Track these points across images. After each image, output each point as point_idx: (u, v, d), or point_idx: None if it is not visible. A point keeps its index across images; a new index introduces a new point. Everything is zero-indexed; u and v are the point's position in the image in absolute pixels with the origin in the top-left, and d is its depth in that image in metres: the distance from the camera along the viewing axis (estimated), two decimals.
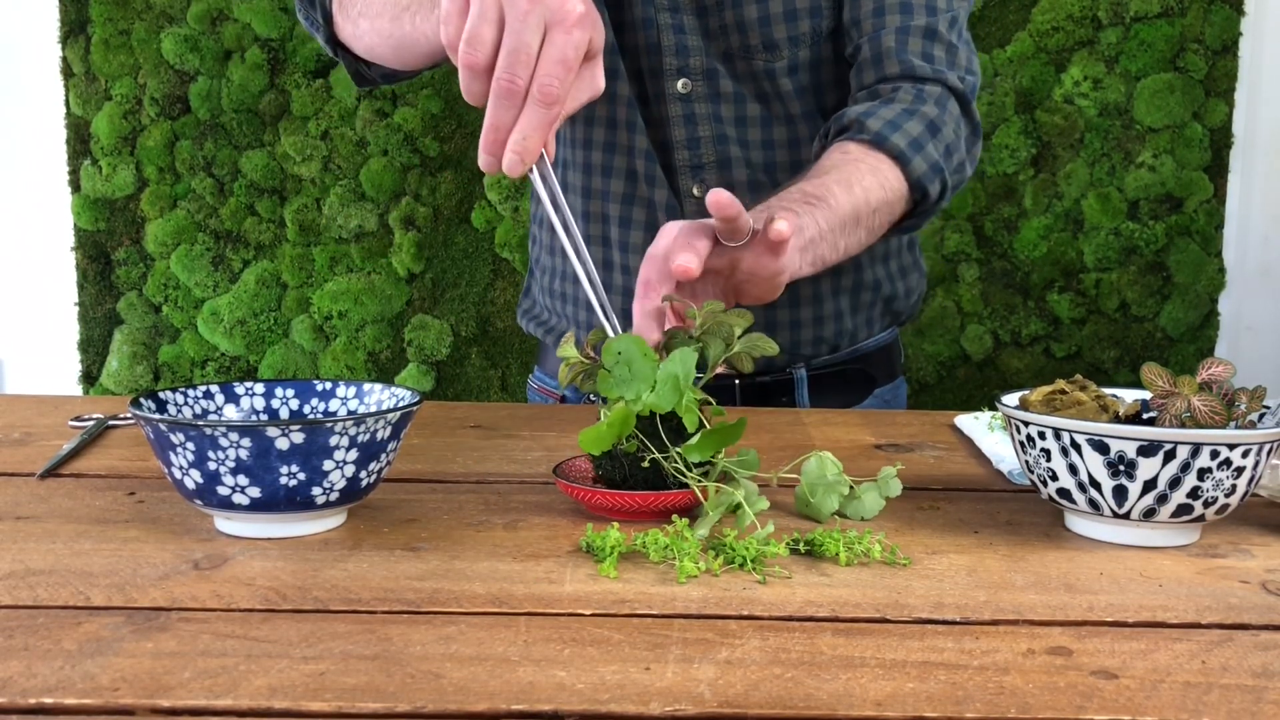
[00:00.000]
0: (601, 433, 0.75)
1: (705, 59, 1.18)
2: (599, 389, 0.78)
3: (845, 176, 1.02)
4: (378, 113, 2.42)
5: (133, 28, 2.42)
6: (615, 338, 0.78)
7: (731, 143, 1.20)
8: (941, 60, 1.15)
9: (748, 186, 1.20)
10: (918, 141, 1.08)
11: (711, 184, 1.19)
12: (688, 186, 1.21)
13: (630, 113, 1.20)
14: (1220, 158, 2.37)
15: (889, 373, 1.35)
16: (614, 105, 1.21)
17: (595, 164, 1.24)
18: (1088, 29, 2.34)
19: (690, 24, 1.17)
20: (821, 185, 0.99)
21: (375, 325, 2.48)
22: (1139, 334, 2.42)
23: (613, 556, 0.67)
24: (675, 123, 1.19)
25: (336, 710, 0.51)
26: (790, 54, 1.18)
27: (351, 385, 0.84)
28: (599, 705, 0.51)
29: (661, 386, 0.76)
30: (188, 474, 0.71)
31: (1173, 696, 0.53)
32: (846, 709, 0.51)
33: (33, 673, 0.54)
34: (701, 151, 1.20)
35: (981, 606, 0.63)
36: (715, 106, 1.19)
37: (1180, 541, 0.74)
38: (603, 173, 1.23)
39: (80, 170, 2.46)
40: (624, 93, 1.20)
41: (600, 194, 1.24)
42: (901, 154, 1.06)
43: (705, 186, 1.19)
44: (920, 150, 1.08)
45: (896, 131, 1.07)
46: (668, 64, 1.18)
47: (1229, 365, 0.74)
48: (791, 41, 1.17)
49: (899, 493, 0.79)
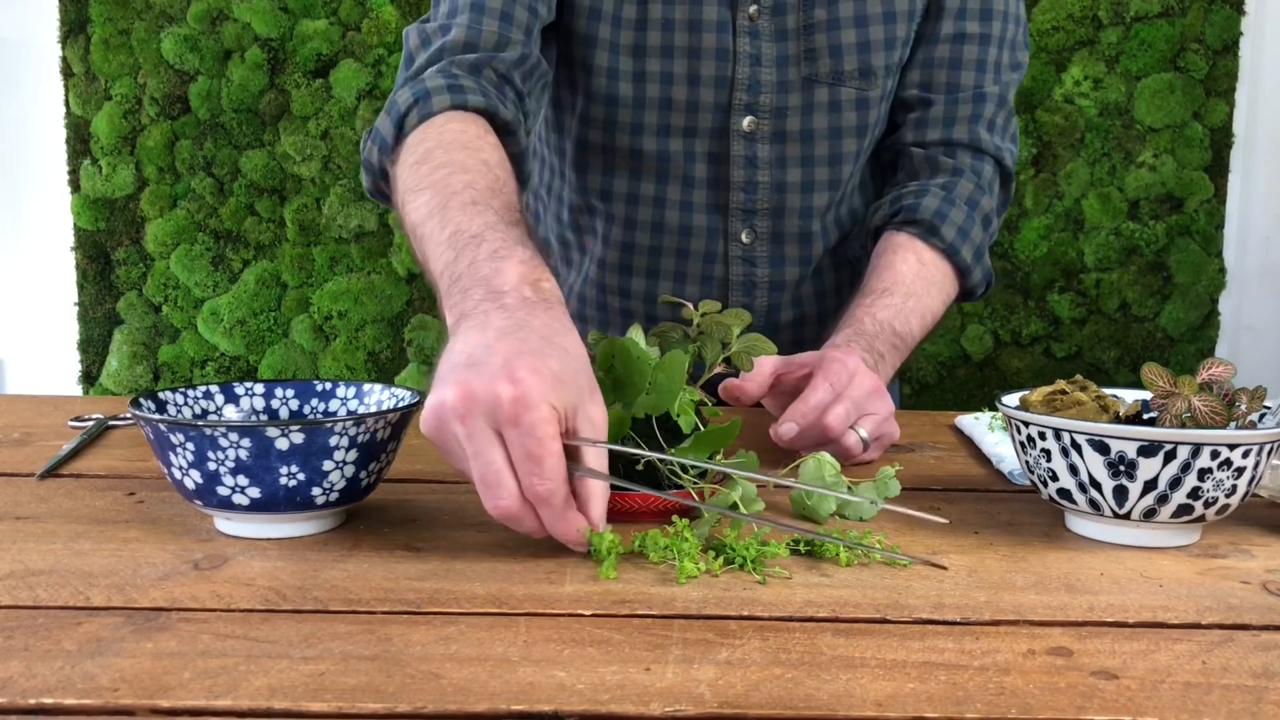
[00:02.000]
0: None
1: (776, 95, 1.13)
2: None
3: (921, 307, 1.10)
4: (378, 112, 2.41)
5: (133, 28, 2.42)
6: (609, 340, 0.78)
7: (790, 190, 1.16)
8: (1000, 131, 1.20)
9: (797, 237, 1.18)
10: (979, 251, 1.16)
11: (761, 231, 1.17)
12: (736, 230, 1.17)
13: (688, 144, 1.14)
14: (1220, 158, 2.37)
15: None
16: (667, 139, 1.15)
17: (646, 195, 1.18)
18: (1088, 29, 2.34)
19: (768, 54, 1.12)
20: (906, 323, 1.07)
21: (375, 325, 2.48)
22: (1139, 334, 2.42)
23: (611, 558, 0.67)
24: (736, 162, 1.15)
25: (336, 710, 0.51)
26: (884, 83, 1.16)
27: (351, 385, 0.84)
28: (599, 705, 0.51)
29: (655, 389, 0.76)
30: (188, 474, 0.71)
31: (1173, 697, 0.52)
32: (846, 709, 0.51)
33: (33, 673, 0.54)
34: (758, 197, 1.16)
35: (982, 607, 0.63)
36: (780, 148, 1.15)
37: (1181, 542, 0.74)
38: (654, 204, 1.18)
39: (80, 170, 2.46)
40: (678, 124, 1.14)
41: (646, 225, 1.19)
42: (966, 267, 1.15)
43: (754, 234, 1.17)
44: (980, 260, 1.16)
45: (965, 242, 1.15)
46: (736, 99, 1.13)
47: (1229, 365, 0.74)
48: (887, 71, 1.15)
49: (897, 493, 0.79)
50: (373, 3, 2.39)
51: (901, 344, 1.06)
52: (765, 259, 1.18)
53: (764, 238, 1.17)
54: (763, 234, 1.17)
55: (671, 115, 1.13)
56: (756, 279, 1.19)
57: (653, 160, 1.15)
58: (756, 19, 1.12)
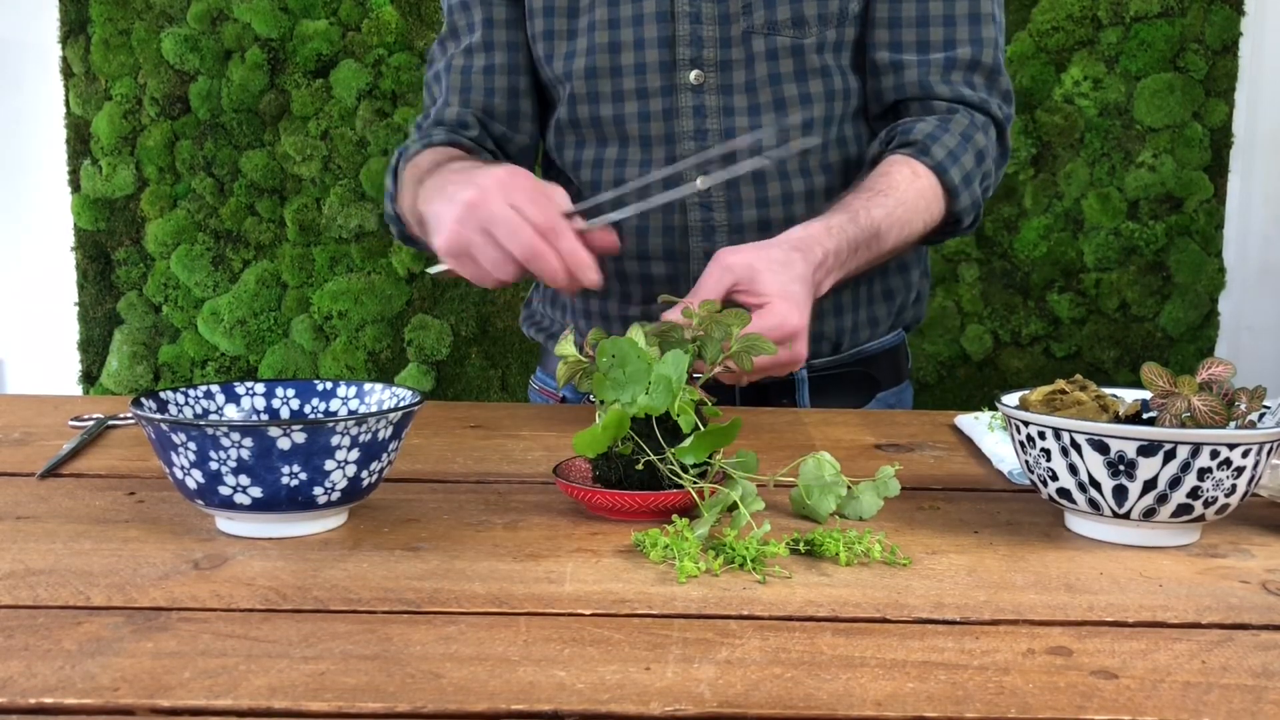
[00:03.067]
0: (596, 435, 0.75)
1: (719, 50, 1.19)
2: (594, 391, 0.78)
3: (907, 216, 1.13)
4: (378, 113, 2.42)
5: (133, 28, 2.42)
6: (610, 339, 0.78)
7: (738, 134, 1.21)
8: (983, 87, 1.22)
9: (752, 177, 1.22)
10: (969, 176, 1.18)
11: (716, 172, 1.20)
12: (690, 178, 1.20)
13: (640, 105, 1.22)
14: (1220, 158, 2.37)
15: (895, 376, 1.35)
16: (621, 103, 1.22)
17: (609, 159, 1.25)
18: (1088, 29, 2.34)
19: (708, 11, 1.19)
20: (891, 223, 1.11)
21: (375, 325, 2.48)
22: (1139, 334, 2.42)
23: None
24: (684, 114, 1.21)
25: (336, 710, 0.51)
26: (819, 32, 1.20)
27: (352, 385, 0.84)
28: (599, 705, 0.51)
29: (655, 388, 0.76)
30: (189, 474, 0.71)
31: (1173, 696, 0.53)
32: (846, 709, 0.51)
33: (33, 673, 0.54)
34: (708, 144, 1.21)
35: (981, 606, 0.63)
36: (727, 99, 1.21)
37: (1180, 541, 0.74)
38: (615, 166, 1.25)
39: (80, 170, 2.46)
40: (630, 87, 1.21)
41: (609, 187, 1.25)
42: (954, 188, 1.17)
43: (710, 177, 1.19)
44: (969, 186, 1.18)
45: (955, 164, 1.17)
46: (680, 55, 1.20)
47: (1229, 365, 0.74)
48: (820, 20, 1.19)
49: (897, 493, 0.79)
50: (373, 3, 2.39)
51: (877, 245, 1.11)
52: (722, 204, 1.22)
53: (718, 183, 1.22)
54: (718, 173, 1.20)
55: (623, 80, 1.21)
56: (715, 223, 1.23)
57: (611, 125, 1.23)
58: None
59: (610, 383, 0.77)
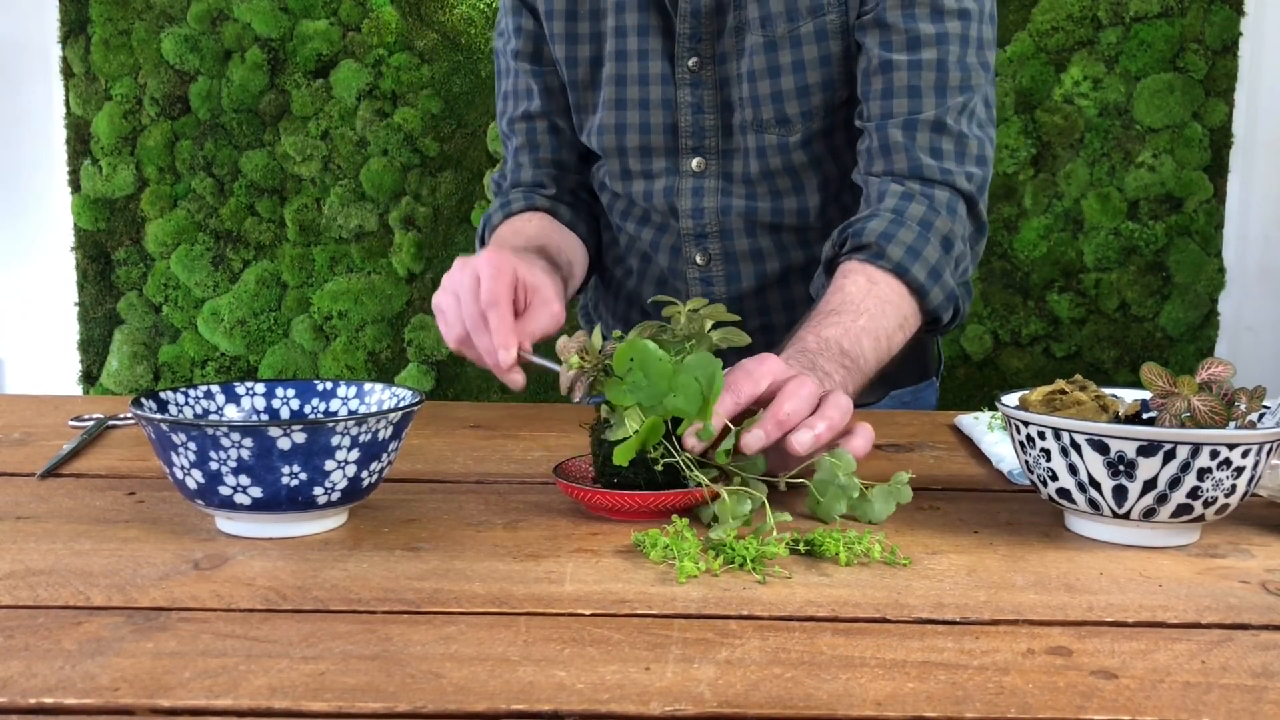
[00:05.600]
0: (631, 442, 0.75)
1: (720, 139, 1.21)
2: (610, 398, 0.77)
3: (874, 326, 1.03)
4: (378, 113, 2.42)
5: (133, 28, 2.42)
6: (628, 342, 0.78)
7: (734, 214, 1.22)
8: (950, 156, 1.14)
9: (749, 254, 1.24)
10: (935, 270, 1.09)
11: (714, 252, 1.25)
12: (690, 254, 1.25)
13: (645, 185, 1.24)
14: (1220, 158, 2.37)
15: (917, 373, 1.34)
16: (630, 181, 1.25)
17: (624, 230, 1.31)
18: (1088, 29, 2.34)
19: (709, 101, 1.20)
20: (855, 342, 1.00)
21: (375, 325, 2.48)
22: (1139, 334, 2.42)
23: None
24: (684, 193, 1.23)
25: (336, 710, 0.51)
26: (804, 128, 1.18)
27: (352, 385, 0.84)
28: (599, 705, 0.51)
29: (685, 391, 0.76)
30: (189, 474, 0.72)
31: (1172, 696, 0.53)
32: (846, 709, 0.51)
33: (33, 673, 0.54)
34: (705, 221, 1.23)
35: (981, 606, 0.63)
36: (727, 184, 1.22)
37: (1180, 541, 0.74)
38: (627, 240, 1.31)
39: (80, 170, 2.47)
40: (635, 169, 1.24)
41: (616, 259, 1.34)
42: (921, 287, 1.08)
43: (708, 255, 1.25)
44: (938, 280, 1.09)
45: (916, 261, 1.08)
46: (683, 144, 1.21)
47: (1229, 365, 0.74)
48: (804, 116, 1.17)
49: (909, 498, 0.79)
50: (373, 3, 2.39)
51: (851, 364, 0.99)
52: (721, 277, 1.25)
53: (717, 258, 1.25)
54: (715, 255, 1.25)
55: (629, 161, 1.24)
56: (715, 296, 1.26)
57: (622, 201, 1.28)
58: (698, 70, 1.19)
59: (630, 386, 0.77)
